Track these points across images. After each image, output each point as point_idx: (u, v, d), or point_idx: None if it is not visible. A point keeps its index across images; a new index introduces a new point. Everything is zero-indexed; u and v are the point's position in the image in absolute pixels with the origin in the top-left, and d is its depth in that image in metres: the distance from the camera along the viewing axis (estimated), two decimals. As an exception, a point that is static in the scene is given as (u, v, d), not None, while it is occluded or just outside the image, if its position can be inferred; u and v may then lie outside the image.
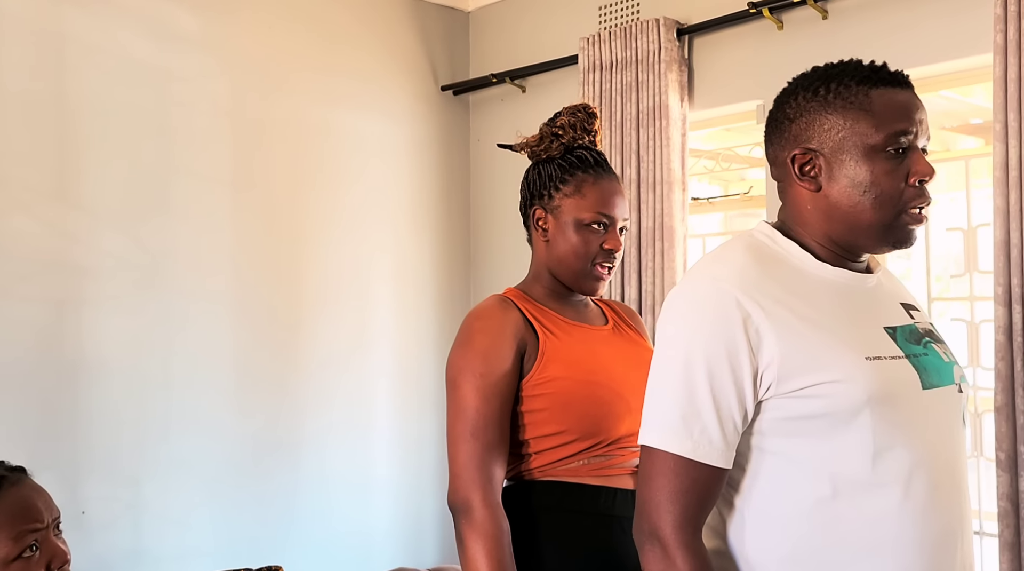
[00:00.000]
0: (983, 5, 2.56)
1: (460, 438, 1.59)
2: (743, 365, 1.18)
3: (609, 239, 1.69)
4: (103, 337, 3.05)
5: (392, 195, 3.84)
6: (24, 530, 1.35)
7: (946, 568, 1.21)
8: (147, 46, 3.16)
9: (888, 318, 1.29)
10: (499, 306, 1.67)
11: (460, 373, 1.62)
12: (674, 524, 1.19)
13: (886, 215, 1.25)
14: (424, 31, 3.98)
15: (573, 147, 1.74)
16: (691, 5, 3.30)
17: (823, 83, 1.29)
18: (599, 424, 1.61)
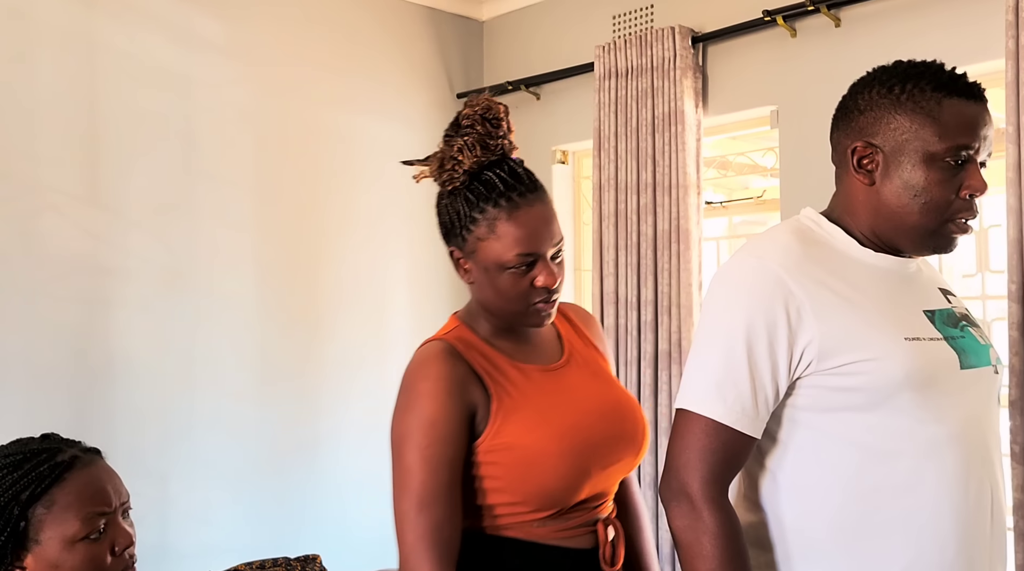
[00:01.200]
0: (994, 12, 2.63)
1: (407, 515, 1.41)
2: (780, 341, 1.24)
3: (541, 274, 1.45)
4: (131, 336, 3.10)
5: (408, 200, 3.89)
6: (93, 512, 1.36)
7: (978, 537, 1.26)
8: (173, 53, 3.23)
9: (927, 302, 1.35)
10: (444, 361, 1.45)
11: (404, 442, 1.44)
12: (702, 481, 1.24)
13: (931, 221, 1.29)
14: (440, 40, 4.06)
15: (479, 170, 1.48)
16: (704, 13, 3.38)
17: (900, 82, 1.31)
18: (559, 495, 1.44)
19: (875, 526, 1.24)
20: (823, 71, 3.08)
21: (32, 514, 1.34)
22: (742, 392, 1.24)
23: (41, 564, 1.34)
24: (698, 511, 1.24)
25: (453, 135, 1.50)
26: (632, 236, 3.35)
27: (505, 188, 1.46)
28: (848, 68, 2.98)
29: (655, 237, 3.29)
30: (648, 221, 3.31)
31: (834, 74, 3.06)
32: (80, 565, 1.34)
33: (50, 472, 1.36)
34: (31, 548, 1.34)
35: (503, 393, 1.46)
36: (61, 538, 1.34)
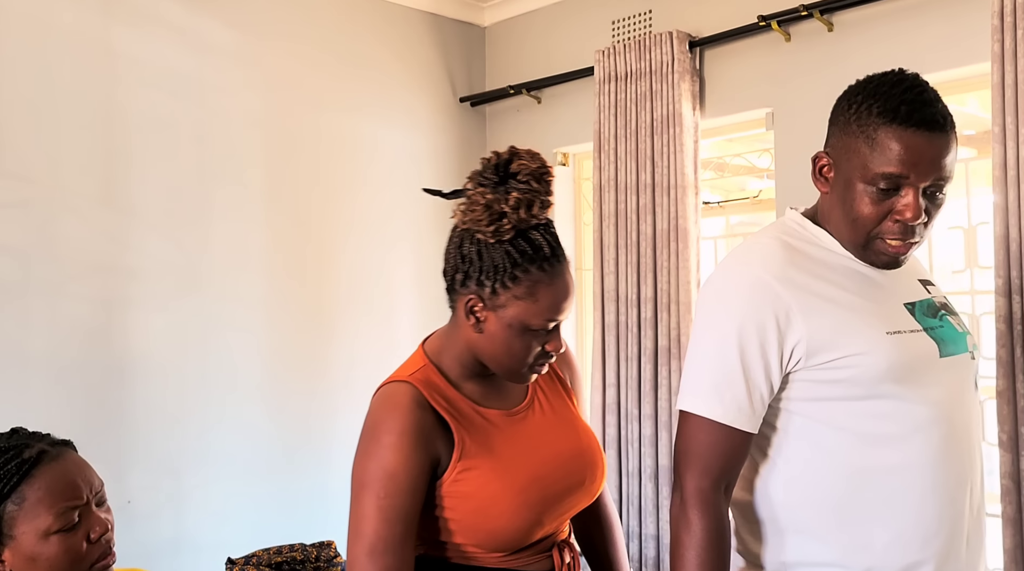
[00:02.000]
0: (981, 17, 2.73)
1: (358, 560, 1.41)
2: (771, 342, 1.31)
3: (552, 341, 1.46)
4: (147, 336, 3.20)
5: (414, 203, 3.99)
6: (64, 506, 1.38)
7: (958, 511, 1.35)
8: (187, 60, 3.32)
9: (907, 295, 1.42)
10: (410, 412, 1.43)
11: (362, 489, 1.43)
12: (695, 478, 1.33)
13: (859, 237, 1.35)
14: (443, 45, 4.15)
15: (526, 228, 1.43)
16: (701, 19, 3.47)
17: (857, 101, 1.36)
18: (512, 541, 1.46)
19: (862, 504, 1.32)
20: (816, 74, 3.18)
21: (4, 511, 1.36)
22: (738, 392, 1.32)
23: (18, 558, 1.37)
24: (686, 511, 1.33)
25: (499, 183, 1.42)
26: (632, 235, 3.44)
27: (551, 254, 1.44)
28: (840, 71, 3.11)
29: (654, 236, 3.39)
30: (647, 221, 3.40)
31: (827, 77, 3.16)
32: (57, 556, 1.37)
33: (17, 469, 1.38)
34: (7, 543, 1.37)
35: (466, 440, 1.45)
36: (35, 532, 1.37)
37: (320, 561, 2.49)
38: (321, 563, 2.49)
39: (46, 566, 1.37)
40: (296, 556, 2.47)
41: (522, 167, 1.42)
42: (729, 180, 3.88)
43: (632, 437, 3.40)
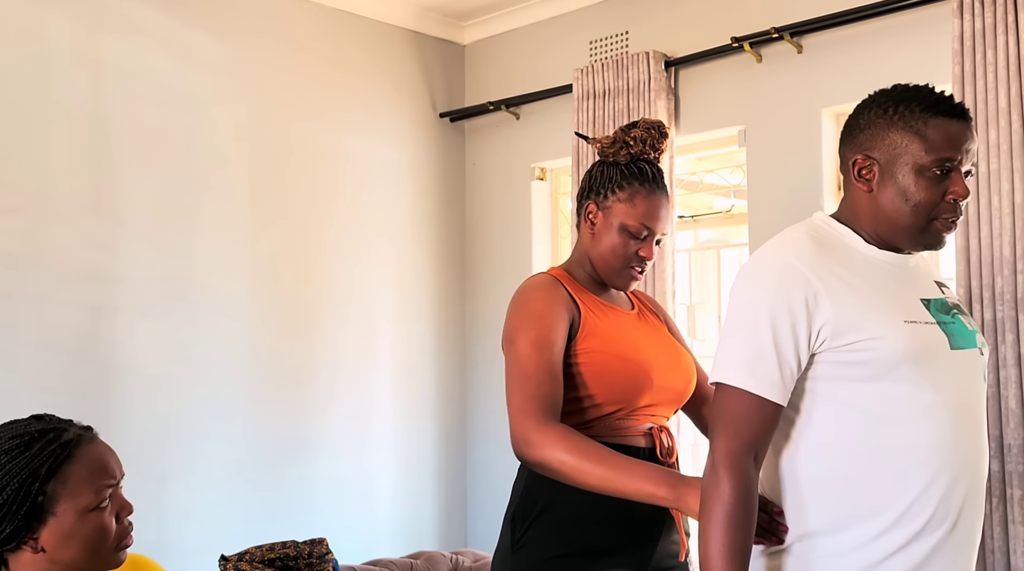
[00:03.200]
0: (942, 42, 2.89)
1: (516, 384, 1.72)
2: (800, 322, 1.44)
3: (645, 248, 1.87)
4: (134, 342, 3.25)
5: (394, 215, 4.08)
6: (102, 484, 1.46)
7: (964, 490, 1.46)
8: (176, 71, 3.40)
9: (924, 292, 1.56)
10: (550, 282, 1.86)
11: (516, 332, 1.77)
12: (726, 444, 1.44)
13: (920, 221, 1.51)
14: (424, 62, 4.25)
15: (638, 158, 1.90)
16: (676, 40, 3.61)
17: (893, 103, 1.52)
18: (625, 394, 1.79)
19: (877, 479, 1.44)
20: (786, 93, 3.32)
21: (49, 489, 1.43)
22: (770, 367, 1.44)
23: (55, 535, 1.43)
24: (717, 473, 1.44)
25: (631, 129, 1.91)
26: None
27: (651, 178, 1.89)
28: (809, 90, 3.26)
29: (631, 248, 3.49)
30: (625, 233, 3.51)
31: (796, 96, 3.31)
32: (91, 533, 1.45)
33: (62, 450, 1.45)
34: (47, 520, 1.43)
35: (590, 312, 1.84)
36: (75, 510, 1.43)
37: (312, 557, 2.55)
38: (313, 559, 2.55)
39: (80, 544, 1.44)
40: (289, 552, 2.53)
41: (648, 122, 1.93)
42: (696, 197, 4.01)
43: (609, 443, 3.49)
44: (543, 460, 1.65)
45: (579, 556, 1.74)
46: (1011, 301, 2.66)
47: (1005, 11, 2.69)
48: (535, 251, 4.12)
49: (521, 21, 4.20)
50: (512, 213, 4.20)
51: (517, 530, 1.79)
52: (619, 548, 1.77)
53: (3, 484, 1.41)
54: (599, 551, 1.75)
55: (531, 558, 1.76)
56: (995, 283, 2.68)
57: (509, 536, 1.81)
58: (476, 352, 4.29)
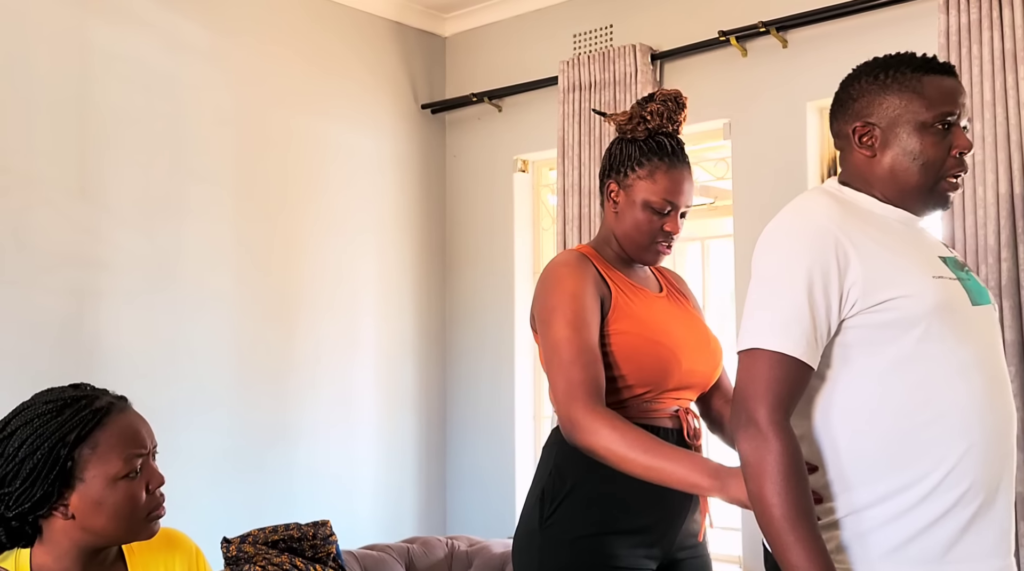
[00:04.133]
0: (928, 35, 2.96)
1: (559, 369, 1.72)
2: (833, 283, 1.44)
3: (670, 222, 1.86)
4: (118, 328, 3.20)
5: (376, 205, 4.07)
6: (132, 453, 1.45)
7: (1006, 449, 1.48)
8: (161, 56, 3.36)
9: (938, 250, 1.58)
10: (580, 259, 1.84)
11: (552, 313, 1.77)
12: (769, 408, 1.43)
13: (929, 179, 1.52)
14: (405, 54, 4.25)
15: (657, 132, 1.89)
16: (660, 33, 3.65)
17: (883, 70, 1.55)
18: (655, 376, 1.80)
19: (917, 443, 1.44)
20: (771, 87, 3.38)
21: (78, 455, 1.43)
22: (806, 329, 1.43)
23: (85, 502, 1.43)
24: (764, 435, 1.42)
25: (647, 103, 1.91)
26: (593, 232, 3.58)
27: (671, 151, 1.88)
28: (793, 84, 3.32)
29: (617, 238, 3.53)
30: (611, 224, 3.54)
31: (781, 90, 3.36)
32: (121, 502, 1.44)
33: (92, 416, 1.45)
34: (76, 486, 1.43)
35: (620, 294, 1.84)
36: (104, 476, 1.43)
37: (317, 539, 2.53)
38: (318, 541, 2.54)
39: (110, 511, 1.43)
40: (293, 534, 2.51)
41: (664, 94, 1.92)
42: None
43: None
44: (592, 446, 1.67)
45: (607, 535, 1.76)
46: (995, 288, 2.73)
47: (991, 6, 2.77)
48: (517, 243, 4.13)
49: (503, 14, 4.22)
50: (494, 205, 4.21)
51: (546, 508, 1.79)
52: (646, 528, 1.79)
53: (34, 448, 1.40)
54: (627, 530, 1.77)
55: (561, 536, 1.76)
56: (980, 271, 2.76)
57: (537, 514, 1.80)
58: (456, 343, 4.30)
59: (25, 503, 1.40)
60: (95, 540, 1.45)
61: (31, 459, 1.40)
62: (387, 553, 2.76)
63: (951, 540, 1.44)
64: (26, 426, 1.42)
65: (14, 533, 1.43)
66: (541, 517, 1.79)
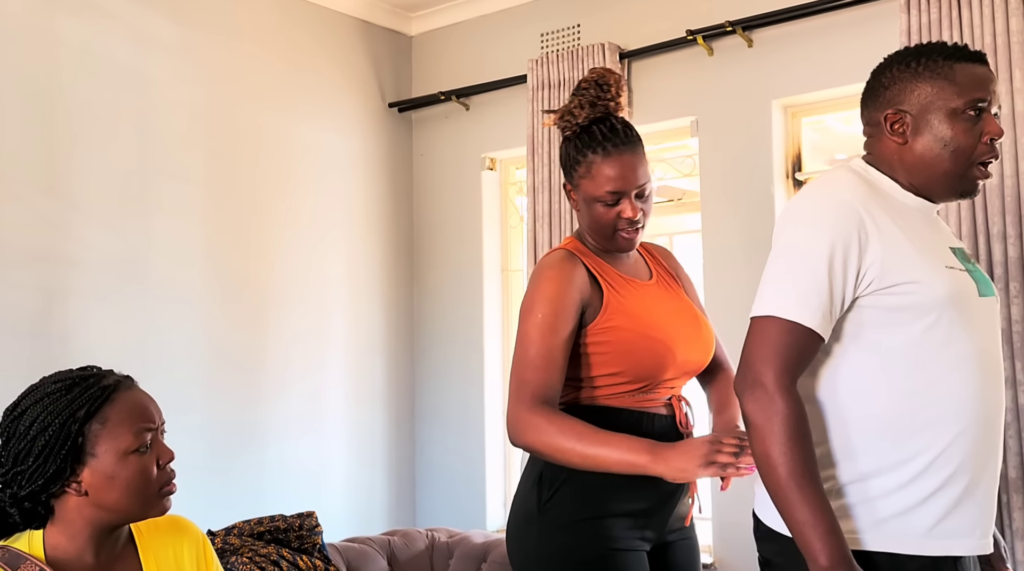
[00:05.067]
0: (889, 35, 3.05)
1: (515, 367, 1.78)
2: (852, 259, 1.48)
3: (624, 210, 1.83)
4: (87, 326, 3.16)
5: (345, 203, 4.08)
6: (141, 427, 1.48)
7: (994, 434, 1.54)
8: (131, 52, 3.33)
9: (950, 241, 1.63)
10: (568, 261, 1.84)
11: (526, 313, 1.80)
12: (777, 372, 1.47)
13: (960, 166, 1.55)
14: (372, 52, 4.26)
15: (592, 122, 1.85)
16: (627, 33, 3.71)
17: (914, 58, 1.58)
18: (650, 370, 1.82)
19: (917, 422, 1.49)
20: (737, 85, 3.46)
21: (88, 430, 1.44)
22: (823, 301, 1.48)
23: (97, 476, 1.44)
24: (771, 397, 1.46)
25: (574, 95, 1.88)
26: (566, 233, 3.63)
27: (603, 139, 1.84)
28: (759, 83, 3.41)
29: (588, 234, 3.58)
30: (581, 219, 3.59)
31: (747, 88, 3.44)
32: (132, 476, 1.46)
33: (101, 393, 1.47)
34: (87, 462, 1.44)
35: (612, 290, 1.85)
36: (115, 451, 1.45)
37: (303, 530, 2.53)
38: (304, 532, 2.53)
39: (123, 485, 1.44)
40: (279, 525, 2.51)
41: (585, 79, 1.88)
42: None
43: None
44: (529, 444, 1.74)
45: (605, 518, 1.79)
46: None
47: (950, 6, 2.87)
48: (485, 240, 4.16)
49: (469, 14, 4.25)
50: (461, 203, 4.24)
51: (544, 493, 1.81)
52: (640, 511, 1.82)
53: (45, 424, 1.42)
54: (623, 514, 1.80)
55: (558, 519, 1.79)
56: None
57: (535, 498, 1.82)
58: (424, 340, 4.31)
59: (38, 480, 1.41)
60: (109, 517, 1.46)
61: (43, 436, 1.41)
62: (368, 545, 2.77)
63: (937, 518, 1.50)
64: (36, 405, 1.44)
65: (27, 514, 1.43)
66: (539, 501, 1.81)
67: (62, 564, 1.43)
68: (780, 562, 1.60)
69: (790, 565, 1.57)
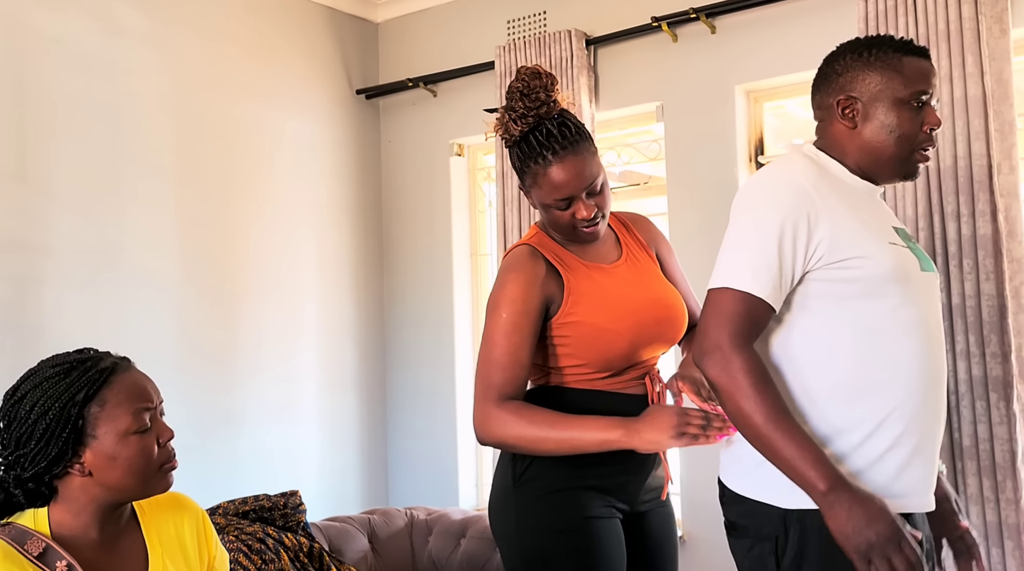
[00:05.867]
0: (848, 23, 3.14)
1: (480, 367, 1.84)
2: (801, 236, 1.58)
3: (578, 210, 1.84)
4: (60, 315, 3.17)
5: (314, 190, 4.10)
6: (140, 408, 1.52)
7: (938, 399, 1.66)
8: (100, 39, 3.33)
9: (892, 221, 1.74)
10: (530, 259, 1.86)
11: (491, 313, 1.85)
12: (730, 335, 1.57)
13: (903, 151, 1.68)
14: (339, 39, 4.29)
15: (532, 129, 1.83)
16: (593, 19, 3.77)
17: (867, 48, 1.69)
18: (613, 361, 1.88)
19: (868, 386, 1.60)
20: (701, 71, 3.54)
21: (88, 413, 1.48)
22: (773, 273, 1.58)
23: (100, 458, 1.48)
24: (728, 356, 1.57)
25: (504, 109, 1.87)
26: (536, 218, 3.69)
27: (541, 149, 1.83)
28: (722, 68, 3.49)
29: (556, 218, 3.64)
30: (550, 204, 3.66)
31: (710, 74, 3.52)
32: (134, 456, 1.50)
33: (99, 375, 1.51)
34: (89, 444, 1.48)
35: (574, 282, 1.88)
36: (115, 432, 1.49)
37: (287, 508, 2.57)
38: (288, 510, 2.58)
39: (124, 465, 1.48)
40: (264, 504, 2.55)
41: (510, 88, 1.86)
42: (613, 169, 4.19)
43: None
44: (501, 438, 1.80)
45: (577, 489, 1.86)
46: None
47: (906, -6, 2.97)
48: (454, 226, 4.21)
49: (435, 1, 4.29)
50: (430, 189, 4.28)
51: (518, 467, 1.88)
52: (611, 483, 1.90)
53: (45, 409, 1.45)
54: (594, 486, 1.88)
55: (532, 492, 1.86)
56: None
57: (510, 473, 1.89)
58: (395, 324, 4.36)
59: (41, 462, 1.44)
60: (113, 495, 1.50)
61: (43, 420, 1.44)
62: (349, 524, 2.82)
63: (891, 477, 1.61)
64: (35, 389, 1.46)
65: (31, 494, 1.47)
66: (515, 475, 1.88)
67: (67, 540, 1.46)
68: (745, 523, 1.70)
69: (754, 526, 1.68)
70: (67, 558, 1.42)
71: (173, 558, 1.58)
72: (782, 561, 1.62)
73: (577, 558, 1.83)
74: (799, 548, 1.60)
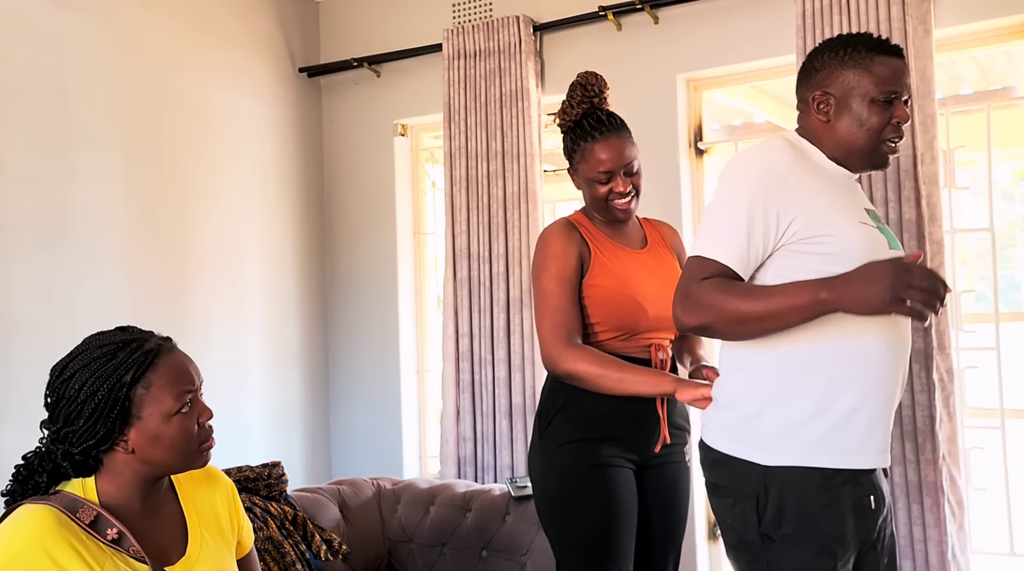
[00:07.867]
0: (787, 16, 3.34)
1: (544, 315, 2.19)
2: (771, 211, 1.73)
3: (616, 185, 2.28)
4: (12, 290, 3.13)
5: (259, 168, 4.11)
6: (182, 390, 1.59)
7: (901, 366, 1.82)
8: (46, 11, 3.27)
9: (865, 203, 1.91)
10: (565, 227, 2.29)
11: (540, 270, 2.24)
12: (698, 283, 1.73)
13: (872, 143, 1.83)
14: (281, 17, 4.29)
15: (580, 118, 2.33)
16: (539, 5, 3.89)
17: (843, 47, 1.84)
18: (624, 322, 2.24)
19: (829, 355, 1.75)
20: (644, 60, 3.70)
21: (134, 395, 1.55)
22: (740, 243, 1.73)
23: (143, 437, 1.56)
24: (696, 295, 1.72)
25: (566, 98, 2.40)
26: (483, 198, 3.80)
27: (592, 130, 2.30)
28: (664, 58, 3.66)
29: (505, 198, 3.77)
30: (498, 184, 3.77)
31: (653, 63, 3.68)
32: (176, 435, 1.58)
33: (144, 358, 1.58)
34: (134, 424, 1.55)
35: (599, 253, 2.29)
36: (160, 414, 1.56)
37: (271, 478, 2.63)
38: (272, 480, 2.63)
39: (167, 444, 1.55)
40: (248, 475, 2.59)
41: (572, 84, 2.40)
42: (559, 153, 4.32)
43: (487, 381, 3.76)
44: (570, 370, 2.12)
45: (592, 440, 2.16)
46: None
47: (842, -7, 3.18)
48: (399, 206, 4.28)
49: (377, -18, 4.33)
50: (373, 169, 4.33)
51: (543, 422, 2.20)
52: (623, 436, 2.19)
53: (94, 389, 1.50)
54: (607, 438, 2.17)
55: (554, 442, 2.18)
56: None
57: (538, 428, 2.22)
58: (337, 304, 4.41)
59: (89, 440, 1.50)
60: (154, 471, 1.56)
61: (92, 400, 1.49)
62: (320, 494, 2.89)
63: (860, 437, 1.78)
64: (84, 369, 1.51)
65: (78, 466, 1.52)
66: (540, 429, 2.21)
67: (114, 508, 1.53)
68: (727, 483, 1.85)
69: (736, 485, 1.83)
70: (118, 525, 1.48)
71: (208, 528, 1.65)
72: (763, 517, 1.78)
73: (585, 498, 2.12)
74: (779, 505, 1.77)
